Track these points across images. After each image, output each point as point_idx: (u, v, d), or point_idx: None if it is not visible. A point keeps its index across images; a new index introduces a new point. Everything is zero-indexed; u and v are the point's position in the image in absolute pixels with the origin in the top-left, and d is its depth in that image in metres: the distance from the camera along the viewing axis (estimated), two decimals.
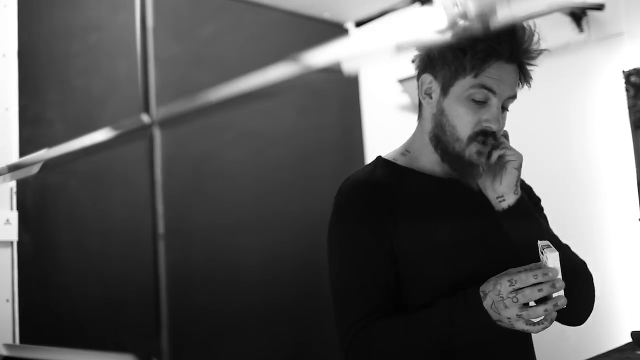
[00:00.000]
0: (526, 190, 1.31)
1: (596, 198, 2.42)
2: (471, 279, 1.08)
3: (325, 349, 2.67)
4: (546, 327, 1.00)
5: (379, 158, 1.24)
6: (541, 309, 0.98)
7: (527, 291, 0.97)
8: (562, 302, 0.98)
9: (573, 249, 1.20)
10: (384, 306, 1.09)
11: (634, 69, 2.31)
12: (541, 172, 2.59)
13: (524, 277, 0.98)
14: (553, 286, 0.97)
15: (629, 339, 1.57)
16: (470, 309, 1.02)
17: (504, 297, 0.98)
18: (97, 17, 2.43)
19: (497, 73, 1.09)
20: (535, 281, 0.97)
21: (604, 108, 2.42)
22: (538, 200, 1.32)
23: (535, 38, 1.12)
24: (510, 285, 0.98)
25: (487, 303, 1.01)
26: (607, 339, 2.15)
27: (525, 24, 1.12)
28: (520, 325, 0.99)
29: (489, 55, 1.08)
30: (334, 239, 1.16)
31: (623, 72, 2.34)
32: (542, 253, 1.03)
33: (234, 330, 2.57)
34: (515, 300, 0.98)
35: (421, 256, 1.11)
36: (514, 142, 1.17)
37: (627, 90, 2.32)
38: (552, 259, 0.99)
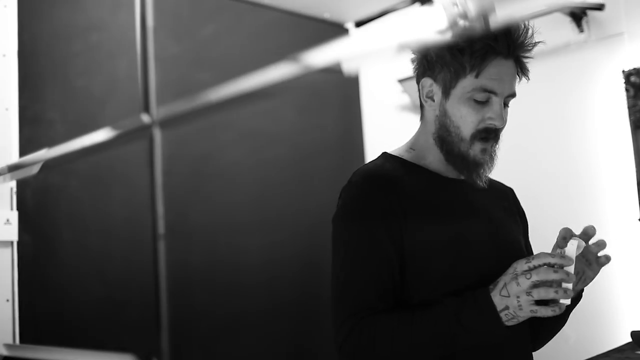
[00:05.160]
0: (510, 197, 1.33)
1: (596, 198, 2.42)
2: (477, 277, 1.08)
3: (326, 349, 2.67)
4: (555, 313, 0.99)
5: (384, 154, 1.24)
6: (551, 290, 0.97)
7: (542, 270, 0.98)
8: (570, 294, 0.98)
9: None
10: (386, 300, 1.08)
11: (634, 69, 2.31)
12: (541, 172, 2.59)
13: (542, 256, 0.99)
14: (567, 273, 0.98)
15: (629, 339, 1.57)
16: (478, 305, 1.02)
17: (518, 274, 0.99)
18: (97, 17, 2.43)
19: (497, 71, 1.10)
20: (552, 260, 0.98)
21: (604, 108, 2.42)
22: (523, 211, 1.34)
23: (530, 31, 1.13)
24: (526, 263, 1.00)
25: (497, 289, 1.01)
26: (607, 339, 2.15)
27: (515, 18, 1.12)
28: (526, 308, 0.99)
29: (487, 53, 1.09)
30: (342, 228, 1.14)
31: (623, 72, 2.34)
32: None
33: (234, 330, 2.57)
34: (528, 276, 0.98)
35: (429, 252, 1.10)
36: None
37: (627, 90, 2.32)
38: (570, 247, 1.00)
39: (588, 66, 2.46)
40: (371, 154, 3.14)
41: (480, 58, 1.09)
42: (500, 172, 1.34)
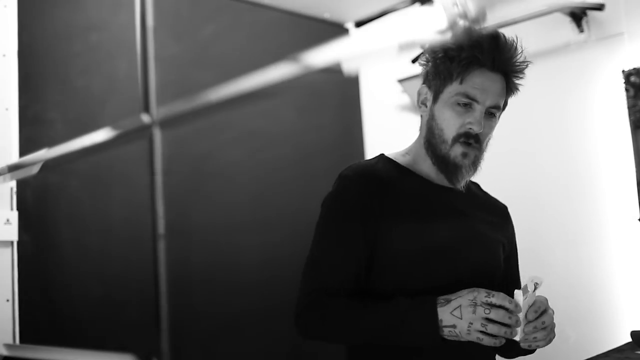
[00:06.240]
0: (502, 215, 1.36)
1: (596, 198, 2.42)
2: (445, 282, 1.14)
3: (324, 348, 2.66)
4: (496, 345, 1.07)
5: (381, 155, 1.31)
6: (503, 330, 1.05)
7: (501, 312, 1.05)
8: (515, 334, 1.07)
9: (573, 249, 1.22)
10: (348, 286, 1.17)
11: (634, 69, 2.31)
12: (541, 173, 2.59)
13: (502, 297, 1.05)
14: (517, 321, 1.06)
15: (629, 339, 1.58)
16: (423, 311, 1.08)
17: (477, 304, 1.05)
18: (97, 17, 2.43)
19: (480, 81, 1.17)
20: (508, 307, 1.05)
21: (604, 108, 2.42)
22: (512, 233, 1.37)
23: (518, 50, 1.19)
24: (486, 297, 1.06)
25: (449, 306, 1.07)
26: (607, 339, 2.15)
27: (508, 36, 1.20)
28: (474, 334, 1.06)
29: (471, 62, 1.17)
30: (325, 216, 1.24)
31: (623, 72, 2.34)
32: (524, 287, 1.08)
33: (234, 330, 2.57)
34: (487, 312, 1.05)
35: (398, 256, 1.17)
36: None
37: (627, 90, 2.32)
38: (524, 298, 1.07)
39: (588, 66, 2.46)
40: (371, 154, 3.14)
41: (465, 67, 1.17)
42: (501, 172, 1.34)
